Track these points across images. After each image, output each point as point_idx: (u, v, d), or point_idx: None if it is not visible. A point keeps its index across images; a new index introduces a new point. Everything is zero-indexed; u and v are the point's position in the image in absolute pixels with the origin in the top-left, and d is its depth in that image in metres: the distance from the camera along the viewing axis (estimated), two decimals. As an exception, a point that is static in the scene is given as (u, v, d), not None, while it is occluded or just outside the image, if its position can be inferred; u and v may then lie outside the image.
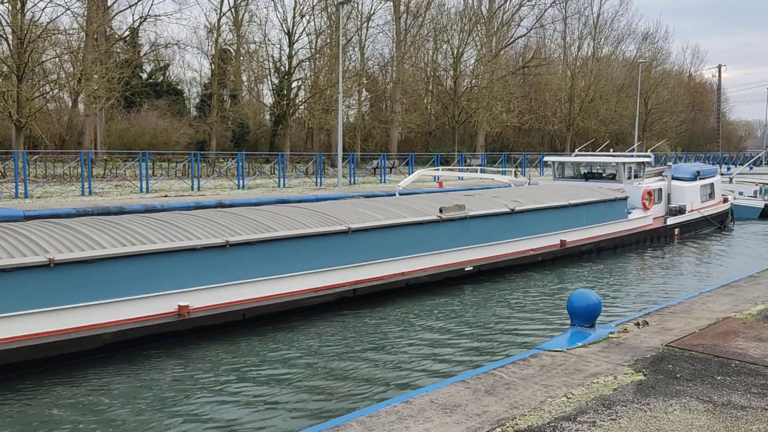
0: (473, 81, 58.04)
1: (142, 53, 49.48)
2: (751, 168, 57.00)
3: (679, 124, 77.09)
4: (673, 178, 24.00)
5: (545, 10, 63.24)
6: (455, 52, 56.46)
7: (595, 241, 19.05)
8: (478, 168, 33.63)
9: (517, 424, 5.30)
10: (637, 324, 8.47)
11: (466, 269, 14.84)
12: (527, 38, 65.71)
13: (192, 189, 28.62)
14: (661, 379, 6.38)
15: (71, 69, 38.91)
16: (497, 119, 56.76)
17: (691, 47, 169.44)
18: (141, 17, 45.65)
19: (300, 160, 46.15)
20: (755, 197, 31.70)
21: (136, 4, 44.49)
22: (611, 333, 8.07)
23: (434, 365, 9.52)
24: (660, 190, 23.19)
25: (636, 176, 22.87)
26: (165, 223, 11.45)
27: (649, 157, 23.78)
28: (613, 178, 22.87)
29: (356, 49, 52.00)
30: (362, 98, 55.52)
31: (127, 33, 46.78)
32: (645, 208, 21.61)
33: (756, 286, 11.23)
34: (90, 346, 9.36)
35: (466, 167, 45.51)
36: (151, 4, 68.09)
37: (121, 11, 44.62)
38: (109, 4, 41.75)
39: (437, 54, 58.32)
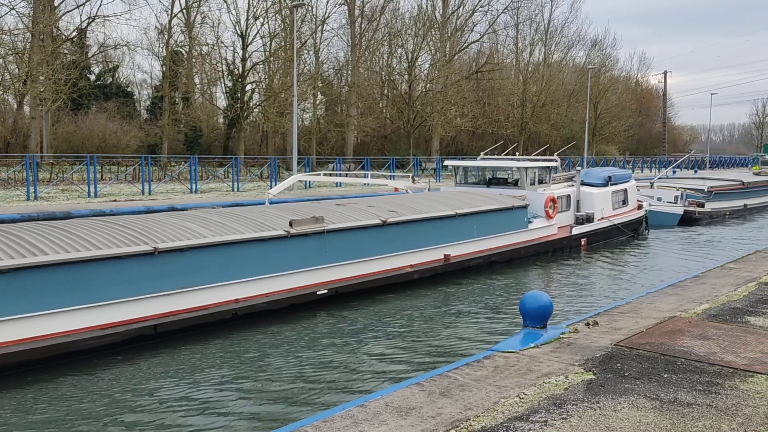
0: (428, 85, 58.59)
1: (90, 54, 48.32)
2: (695, 171, 58.75)
3: (627, 129, 79.31)
4: (583, 184, 22.50)
5: (497, 16, 64.30)
6: (410, 56, 56.87)
7: (486, 255, 17.14)
8: (366, 173, 31.40)
9: (471, 425, 5.34)
10: (588, 324, 8.64)
11: (318, 293, 12.75)
12: (480, 43, 66.63)
13: (143, 193, 28.03)
14: (610, 377, 6.52)
15: (16, 70, 37.79)
16: (451, 123, 57.40)
17: (638, 54, 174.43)
18: (89, 18, 44.77)
19: (254, 163, 45.64)
20: (675, 203, 29.93)
21: (84, 4, 43.42)
22: (562, 333, 8.21)
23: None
24: (568, 196, 21.55)
25: (541, 182, 21.11)
26: None
27: (555, 161, 22.32)
28: (516, 184, 21.20)
29: (311, 52, 51.89)
30: (317, 102, 55.40)
31: (74, 34, 45.62)
32: (548, 216, 19.86)
33: (701, 285, 11.56)
34: None
35: (422, 170, 45.81)
36: (100, 5, 66.76)
37: (68, 11, 43.51)
38: (56, 4, 40.66)
39: (392, 58, 58.67)
